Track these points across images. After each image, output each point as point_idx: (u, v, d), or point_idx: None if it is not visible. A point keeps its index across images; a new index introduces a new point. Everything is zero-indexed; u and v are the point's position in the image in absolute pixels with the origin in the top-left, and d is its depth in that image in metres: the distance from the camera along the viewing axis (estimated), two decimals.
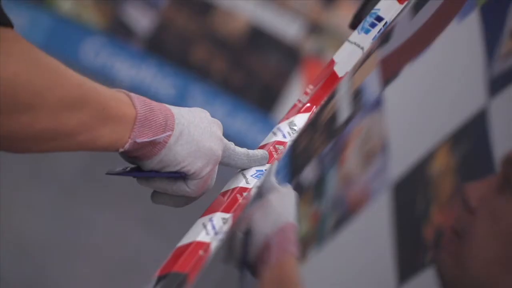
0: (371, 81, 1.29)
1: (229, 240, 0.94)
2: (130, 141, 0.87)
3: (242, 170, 0.98)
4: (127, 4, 4.84)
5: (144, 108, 0.87)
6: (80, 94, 0.82)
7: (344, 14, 3.89)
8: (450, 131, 1.25)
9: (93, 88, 0.84)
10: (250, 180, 0.96)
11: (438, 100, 1.29)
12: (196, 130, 0.91)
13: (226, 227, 0.89)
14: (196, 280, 0.84)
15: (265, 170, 0.99)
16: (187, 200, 0.95)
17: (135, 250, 2.94)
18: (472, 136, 1.24)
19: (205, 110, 0.95)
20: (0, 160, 2.73)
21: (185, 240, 0.86)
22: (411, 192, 1.19)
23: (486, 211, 1.00)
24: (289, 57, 4.13)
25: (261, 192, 0.97)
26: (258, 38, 4.17)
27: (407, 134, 1.26)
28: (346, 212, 1.18)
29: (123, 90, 0.88)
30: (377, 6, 1.11)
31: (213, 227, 0.88)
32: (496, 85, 1.22)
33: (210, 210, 0.91)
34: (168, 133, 0.88)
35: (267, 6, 4.11)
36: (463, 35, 1.29)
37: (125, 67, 5.12)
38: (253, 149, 1.01)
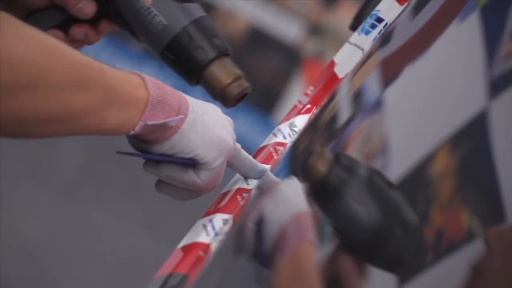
0: (372, 82, 1.29)
1: (239, 232, 0.94)
2: (140, 123, 0.85)
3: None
4: None
5: (157, 91, 0.86)
6: (86, 74, 0.80)
7: (345, 15, 3.89)
8: (450, 132, 1.25)
9: (100, 69, 0.82)
10: (250, 181, 0.96)
11: (438, 101, 1.30)
12: (210, 120, 0.90)
13: (226, 228, 0.90)
14: (196, 280, 0.84)
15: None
16: (191, 194, 0.94)
17: (135, 250, 2.94)
18: (472, 138, 1.24)
19: (217, 106, 0.94)
20: (0, 160, 2.73)
21: (185, 241, 0.86)
22: (412, 193, 1.19)
23: (502, 249, 1.03)
24: (289, 58, 4.13)
25: (263, 187, 0.97)
26: (258, 39, 4.18)
27: (407, 135, 1.26)
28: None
29: (137, 72, 0.87)
30: (378, 7, 1.11)
31: (213, 228, 0.88)
32: (496, 87, 1.22)
33: (210, 211, 0.91)
34: (180, 117, 0.87)
35: (267, 6, 4.11)
36: (464, 37, 1.29)
37: (125, 68, 5.12)
38: (254, 150, 1.01)
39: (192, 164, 0.90)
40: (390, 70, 1.28)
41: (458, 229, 1.22)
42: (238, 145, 0.95)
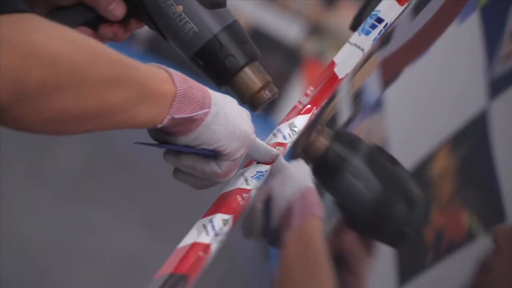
0: (372, 82, 1.29)
1: (249, 213, 0.96)
2: (168, 117, 0.86)
3: (242, 171, 0.98)
4: None
5: (183, 85, 0.87)
6: (119, 71, 0.82)
7: (345, 15, 3.89)
8: (451, 132, 1.25)
9: (131, 65, 0.84)
10: (250, 182, 0.96)
11: (438, 101, 1.30)
12: (231, 113, 0.91)
13: (226, 228, 0.90)
14: (196, 281, 0.84)
15: (265, 171, 0.99)
16: (208, 183, 0.95)
17: (135, 250, 2.94)
18: (472, 138, 1.24)
19: (233, 99, 0.95)
20: (0, 160, 2.73)
21: (185, 241, 0.86)
22: None
23: (510, 247, 1.04)
24: (289, 58, 4.13)
25: (273, 171, 0.99)
26: (258, 39, 4.17)
27: (407, 136, 1.26)
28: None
29: (162, 66, 0.88)
30: (378, 8, 1.11)
31: (213, 228, 0.88)
32: (496, 87, 1.22)
33: (210, 211, 0.91)
34: (206, 110, 0.89)
35: (267, 7, 4.11)
36: (464, 37, 1.29)
37: None
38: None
39: (213, 155, 0.92)
40: (390, 71, 1.28)
41: (458, 229, 1.22)
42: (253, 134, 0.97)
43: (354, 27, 1.12)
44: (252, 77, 0.98)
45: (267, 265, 1.03)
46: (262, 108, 1.00)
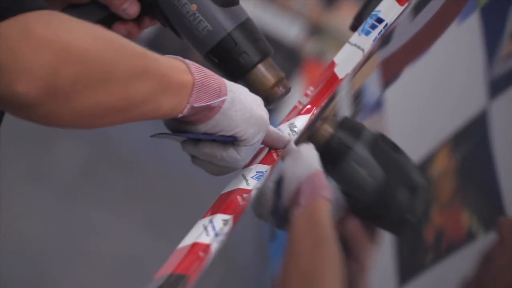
0: (372, 82, 1.29)
1: (261, 193, 0.98)
2: (188, 106, 0.89)
3: (243, 171, 0.98)
4: None
5: (200, 74, 0.90)
6: (143, 64, 0.84)
7: (345, 15, 3.89)
8: (451, 132, 1.25)
9: (153, 57, 0.86)
10: (250, 182, 0.96)
11: (438, 101, 1.30)
12: (246, 99, 0.93)
13: (226, 229, 0.90)
14: (196, 281, 0.84)
15: (265, 171, 0.99)
16: (226, 169, 0.97)
17: (135, 250, 2.94)
18: (472, 138, 1.24)
19: (245, 88, 0.97)
20: (0, 160, 2.73)
21: (185, 242, 0.86)
22: None
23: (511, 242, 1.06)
24: (290, 59, 4.13)
25: (284, 154, 1.01)
26: None
27: (407, 136, 1.26)
28: (346, 214, 1.18)
29: (178, 57, 0.90)
30: (378, 8, 1.11)
31: (213, 228, 0.88)
32: (496, 87, 1.22)
33: (210, 211, 0.91)
34: (223, 98, 0.91)
35: (267, 7, 4.11)
36: (464, 37, 1.29)
37: None
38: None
39: (232, 141, 0.93)
40: (390, 71, 1.28)
41: (458, 229, 1.22)
42: None
43: (354, 27, 1.11)
44: (265, 73, 1.00)
45: (267, 266, 1.04)
46: (276, 103, 1.02)
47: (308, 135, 1.09)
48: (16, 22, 0.75)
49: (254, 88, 1.00)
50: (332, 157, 1.08)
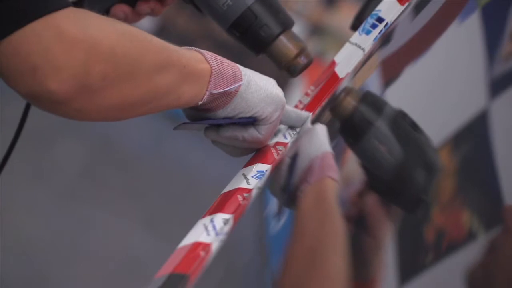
0: (372, 82, 1.29)
1: (277, 167, 1.01)
2: (207, 93, 0.92)
3: (243, 170, 0.98)
4: None
5: (216, 62, 0.93)
6: (166, 56, 0.87)
7: (345, 15, 3.89)
8: (451, 132, 1.25)
9: (174, 49, 0.89)
10: (251, 181, 0.96)
11: (438, 101, 1.30)
12: (260, 81, 0.96)
13: (226, 228, 0.89)
14: (197, 280, 0.84)
15: (266, 170, 0.99)
16: (244, 151, 1.01)
17: (135, 250, 2.94)
18: (472, 138, 1.24)
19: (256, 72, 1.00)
20: (0, 160, 2.72)
21: (186, 241, 0.86)
22: None
23: None
24: None
25: (300, 134, 1.04)
26: None
27: None
28: (346, 213, 1.18)
29: (194, 48, 0.93)
30: (378, 7, 1.11)
31: (214, 228, 0.88)
32: (497, 87, 1.22)
33: (211, 211, 0.91)
34: (239, 83, 0.94)
35: None
36: (464, 37, 1.29)
37: None
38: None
39: (252, 121, 0.97)
40: (391, 70, 1.28)
41: (459, 229, 1.22)
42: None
43: (355, 26, 1.11)
44: (287, 44, 1.03)
45: (267, 266, 1.05)
46: (299, 73, 1.05)
47: (331, 106, 1.10)
48: (47, 22, 0.77)
49: (276, 59, 1.04)
50: (354, 131, 1.10)
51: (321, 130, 1.03)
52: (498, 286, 1.06)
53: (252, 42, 1.03)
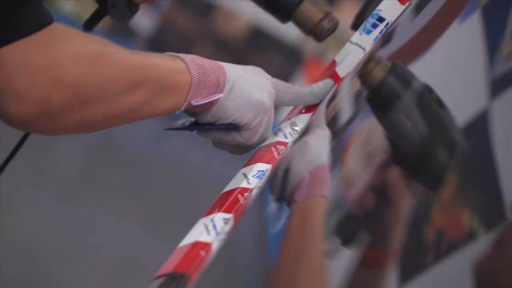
0: None
1: (273, 176, 1.01)
2: (186, 103, 0.91)
3: (244, 170, 0.98)
4: None
5: (198, 71, 0.92)
6: (140, 76, 0.87)
7: (346, 14, 3.89)
8: None
9: (152, 65, 0.88)
10: (251, 181, 0.96)
11: None
12: (245, 84, 0.96)
13: (227, 227, 0.89)
14: (197, 280, 0.84)
15: (266, 170, 0.98)
16: (242, 149, 1.01)
17: (135, 250, 2.93)
18: (473, 138, 1.24)
19: (259, 68, 1.00)
20: (0, 160, 2.72)
21: (186, 241, 0.86)
22: None
23: None
24: (291, 58, 4.13)
25: (307, 128, 1.03)
26: (259, 38, 4.17)
27: None
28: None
29: (177, 55, 0.92)
30: (379, 7, 1.10)
31: (214, 227, 0.88)
32: (497, 86, 1.22)
33: (211, 210, 0.91)
34: (218, 96, 0.93)
35: None
36: (465, 36, 1.29)
37: None
38: (255, 150, 1.01)
39: (233, 127, 0.97)
40: None
41: (459, 229, 1.22)
42: (294, 87, 1.02)
43: (356, 26, 1.11)
44: (311, 9, 1.04)
45: (267, 266, 1.06)
46: (325, 38, 1.05)
47: (360, 74, 1.10)
48: (16, 48, 0.78)
49: (301, 24, 1.04)
50: (381, 102, 1.10)
51: (316, 141, 1.02)
52: (503, 280, 1.06)
53: (277, 8, 1.04)
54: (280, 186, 1.01)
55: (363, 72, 1.10)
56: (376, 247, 1.12)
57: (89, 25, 1.06)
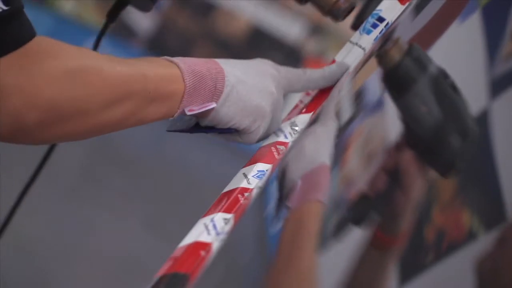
0: (373, 82, 1.29)
1: (276, 176, 1.00)
2: (179, 111, 0.90)
3: (244, 170, 0.98)
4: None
5: (193, 79, 0.90)
6: (126, 88, 0.85)
7: None
8: None
9: (141, 75, 0.86)
10: (251, 181, 0.96)
11: None
12: (244, 88, 0.94)
13: (227, 227, 0.89)
14: (197, 280, 0.84)
15: (266, 170, 0.98)
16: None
17: (135, 250, 2.93)
18: None
19: (265, 61, 0.99)
20: (0, 160, 2.73)
21: (186, 241, 0.86)
22: None
23: None
24: (291, 58, 4.12)
25: (316, 119, 1.03)
26: (259, 38, 4.17)
27: None
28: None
29: (173, 60, 0.90)
30: (379, 7, 1.10)
31: (215, 227, 0.88)
32: (497, 86, 1.22)
33: (211, 210, 0.91)
34: (213, 105, 0.91)
35: (268, 6, 4.11)
36: (465, 37, 1.29)
37: None
38: (255, 149, 1.01)
39: (232, 131, 0.96)
40: None
41: (459, 229, 1.22)
42: (304, 73, 1.01)
43: (356, 26, 1.11)
44: None
45: (267, 265, 1.06)
46: (343, 18, 1.06)
47: (377, 54, 1.10)
48: None
49: (319, 5, 1.05)
50: (397, 84, 1.09)
51: (315, 139, 1.01)
52: (506, 279, 1.06)
53: None
54: (279, 189, 1.01)
55: (380, 52, 1.10)
56: (385, 229, 1.12)
57: (112, 15, 1.06)
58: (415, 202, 1.12)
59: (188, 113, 0.90)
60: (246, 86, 0.95)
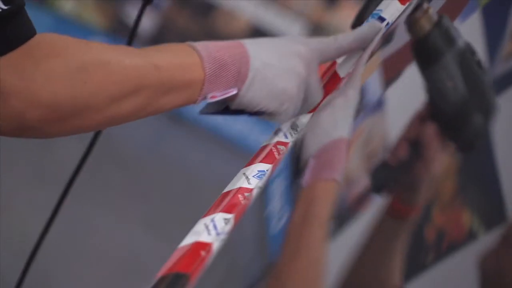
0: (373, 82, 1.29)
1: (294, 151, 0.98)
2: (200, 98, 0.89)
3: (244, 170, 0.98)
4: (129, 4, 4.84)
5: (214, 66, 0.89)
6: (137, 81, 0.84)
7: (346, 14, 3.89)
8: None
9: (152, 67, 0.85)
10: (252, 181, 0.96)
11: None
12: (270, 71, 0.93)
13: (227, 228, 0.89)
14: (198, 280, 0.84)
15: (267, 170, 0.98)
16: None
17: (136, 250, 2.93)
18: None
19: (295, 38, 0.97)
20: (0, 160, 2.73)
21: (186, 241, 0.86)
22: None
23: None
24: None
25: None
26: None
27: None
28: (347, 213, 1.18)
29: (195, 46, 0.89)
30: (379, 7, 1.11)
31: (215, 228, 0.88)
32: (497, 86, 1.21)
33: (211, 210, 0.91)
34: (234, 91, 0.90)
35: (268, 6, 4.11)
36: (465, 36, 1.29)
37: None
38: (256, 149, 1.01)
39: (262, 114, 0.95)
40: (392, 70, 1.28)
41: (459, 229, 1.22)
42: (335, 42, 1.01)
43: (356, 26, 1.11)
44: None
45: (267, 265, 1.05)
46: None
47: (409, 21, 1.07)
48: None
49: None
50: (425, 55, 1.06)
51: (331, 111, 0.98)
52: (509, 277, 1.05)
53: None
54: (294, 165, 1.00)
55: (410, 19, 1.07)
56: (403, 199, 1.09)
57: None
58: (433, 177, 1.10)
59: (211, 100, 0.90)
60: (272, 69, 0.93)
